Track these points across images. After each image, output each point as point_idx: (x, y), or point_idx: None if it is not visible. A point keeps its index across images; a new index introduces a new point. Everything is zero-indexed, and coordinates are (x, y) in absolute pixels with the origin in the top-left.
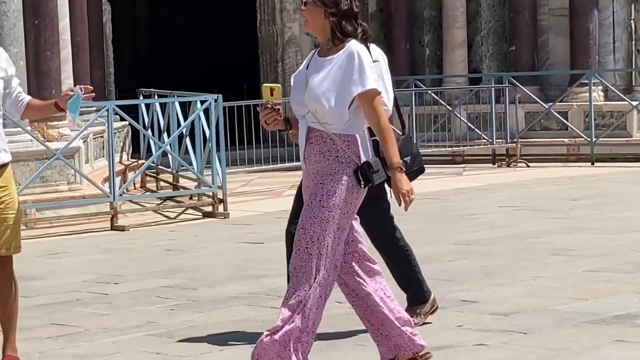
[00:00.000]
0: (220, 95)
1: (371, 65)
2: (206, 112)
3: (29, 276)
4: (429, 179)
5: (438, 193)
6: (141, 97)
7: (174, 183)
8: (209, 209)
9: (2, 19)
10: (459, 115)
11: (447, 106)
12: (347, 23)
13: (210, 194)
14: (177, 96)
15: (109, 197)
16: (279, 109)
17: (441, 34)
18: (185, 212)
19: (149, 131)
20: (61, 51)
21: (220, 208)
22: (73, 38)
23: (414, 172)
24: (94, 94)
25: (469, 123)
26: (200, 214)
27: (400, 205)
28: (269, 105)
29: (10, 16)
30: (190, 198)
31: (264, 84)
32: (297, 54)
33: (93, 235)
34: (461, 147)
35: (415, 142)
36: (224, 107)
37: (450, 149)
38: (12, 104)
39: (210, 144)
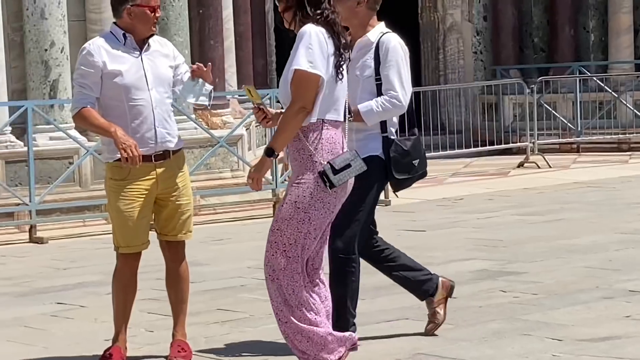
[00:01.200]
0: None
1: (310, 47)
2: None
3: (195, 262)
4: (594, 167)
5: (603, 181)
6: None
7: None
8: None
9: (167, 8)
10: (624, 102)
11: (612, 93)
12: (305, 9)
13: None
14: None
15: (270, 184)
16: (262, 108)
17: (606, 19)
18: None
19: None
20: (224, 40)
21: (382, 195)
22: (236, 27)
23: (418, 176)
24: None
25: (635, 110)
26: None
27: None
28: (254, 106)
29: (176, 6)
30: None
31: (244, 86)
32: (459, 40)
33: (256, 222)
34: (627, 135)
35: (423, 145)
36: None
37: (615, 136)
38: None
39: None
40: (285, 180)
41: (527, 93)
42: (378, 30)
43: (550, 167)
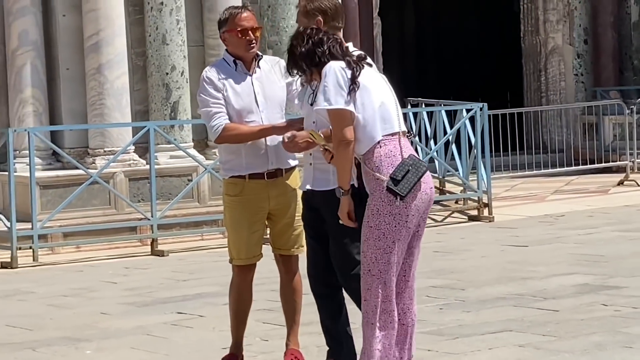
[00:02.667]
0: (485, 104)
1: (326, 84)
2: (472, 119)
3: (303, 274)
4: None
5: None
6: (409, 106)
7: (441, 188)
8: (475, 212)
9: (280, 33)
10: None
11: None
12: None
13: (476, 198)
14: (444, 105)
15: None
16: (327, 148)
17: None
18: (451, 215)
19: (417, 138)
20: None
21: (485, 212)
22: None
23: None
24: None
25: None
26: (466, 217)
27: None
28: (321, 149)
29: (289, 30)
30: (456, 202)
31: (308, 131)
32: (560, 63)
33: None
34: None
35: None
36: (489, 115)
37: None
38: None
39: (475, 150)
40: None
41: (626, 113)
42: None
43: None
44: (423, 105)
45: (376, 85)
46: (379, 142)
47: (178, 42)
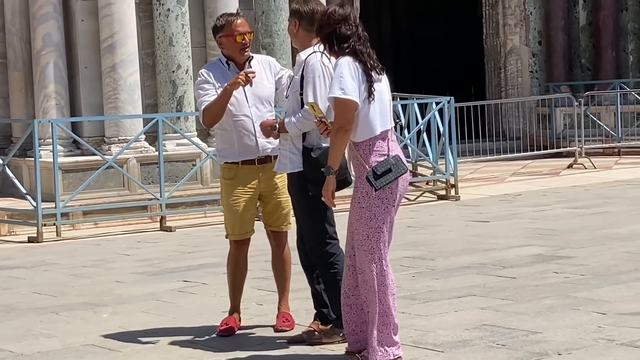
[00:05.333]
0: (452, 98)
1: (342, 76)
2: (440, 111)
3: (292, 247)
4: (633, 168)
5: None
6: None
7: (413, 171)
8: (443, 192)
9: (273, 36)
10: None
11: None
12: (334, 46)
13: (444, 180)
14: (416, 99)
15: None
16: (323, 121)
17: None
18: (423, 195)
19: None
20: None
21: (453, 192)
22: None
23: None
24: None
25: None
26: (436, 196)
27: None
28: (315, 120)
29: (280, 34)
30: (427, 183)
31: (308, 102)
32: (517, 61)
33: (345, 214)
34: None
35: (344, 155)
36: (455, 107)
37: None
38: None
39: (443, 138)
40: None
41: (575, 106)
42: (311, 50)
43: (595, 168)
44: (398, 99)
45: (381, 84)
46: (375, 136)
47: (183, 43)
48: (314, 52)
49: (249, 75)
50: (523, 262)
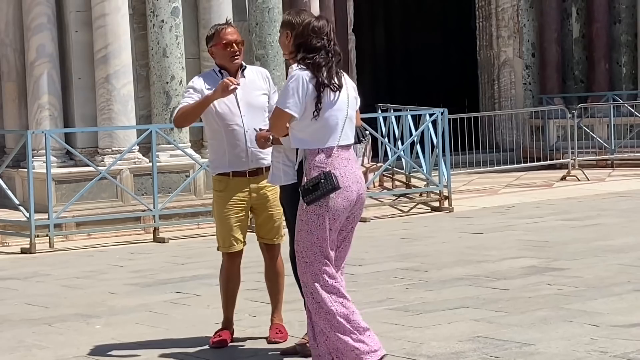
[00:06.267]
0: (445, 109)
1: (288, 89)
2: (434, 123)
3: (286, 258)
4: (626, 180)
5: (634, 192)
6: (379, 111)
7: (407, 182)
8: (436, 204)
9: (267, 47)
10: None
11: None
12: (299, 54)
13: (438, 191)
14: (410, 110)
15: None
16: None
17: (636, 55)
18: (416, 206)
19: (386, 139)
20: None
21: (446, 203)
22: None
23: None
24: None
25: None
26: (429, 208)
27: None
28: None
29: (274, 45)
30: (420, 195)
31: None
32: (511, 73)
33: None
34: None
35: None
36: (449, 119)
37: None
38: None
39: (437, 150)
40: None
41: (568, 117)
42: None
43: (588, 180)
44: (392, 111)
45: (337, 102)
46: (318, 150)
47: (177, 54)
48: None
49: (230, 82)
50: (516, 274)
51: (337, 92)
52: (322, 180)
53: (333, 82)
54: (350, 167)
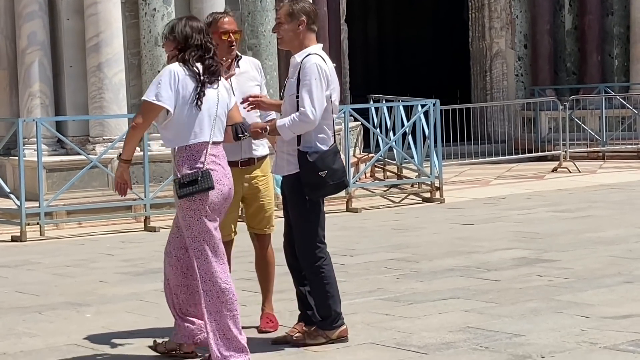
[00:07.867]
0: (437, 100)
1: (159, 83)
2: (426, 114)
3: (280, 248)
4: (617, 172)
5: (625, 184)
6: (371, 102)
7: (398, 173)
8: (428, 195)
9: (259, 37)
10: None
11: (633, 109)
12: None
13: (429, 182)
14: (402, 101)
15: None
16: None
17: (628, 47)
18: (408, 197)
19: (378, 130)
20: None
21: (437, 194)
22: None
23: (332, 186)
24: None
25: None
26: (420, 199)
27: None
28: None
29: (267, 35)
30: (412, 186)
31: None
32: (503, 65)
33: (331, 216)
34: None
35: (340, 158)
36: (441, 110)
37: (636, 146)
38: None
39: (429, 141)
40: (356, 181)
41: (560, 109)
42: (307, 52)
43: (579, 171)
44: (384, 101)
45: (208, 98)
46: (186, 146)
47: None
48: (309, 54)
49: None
50: (507, 265)
51: (212, 87)
52: (200, 178)
53: (206, 77)
54: (219, 163)
